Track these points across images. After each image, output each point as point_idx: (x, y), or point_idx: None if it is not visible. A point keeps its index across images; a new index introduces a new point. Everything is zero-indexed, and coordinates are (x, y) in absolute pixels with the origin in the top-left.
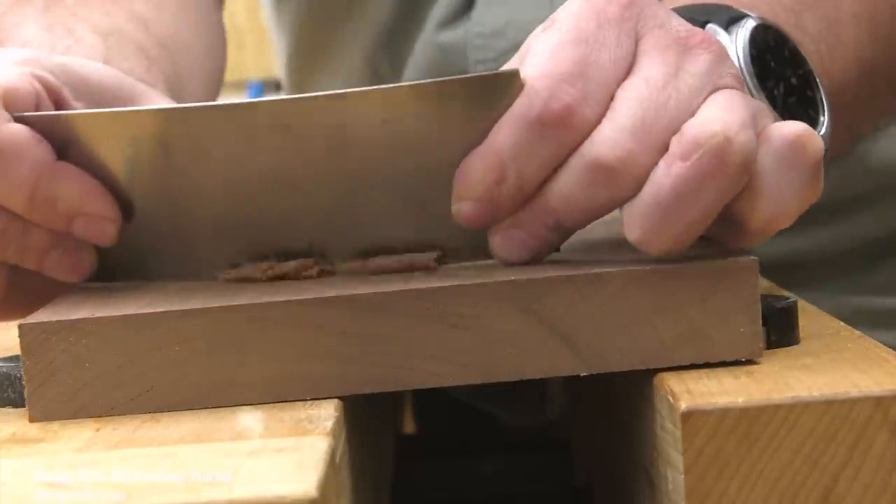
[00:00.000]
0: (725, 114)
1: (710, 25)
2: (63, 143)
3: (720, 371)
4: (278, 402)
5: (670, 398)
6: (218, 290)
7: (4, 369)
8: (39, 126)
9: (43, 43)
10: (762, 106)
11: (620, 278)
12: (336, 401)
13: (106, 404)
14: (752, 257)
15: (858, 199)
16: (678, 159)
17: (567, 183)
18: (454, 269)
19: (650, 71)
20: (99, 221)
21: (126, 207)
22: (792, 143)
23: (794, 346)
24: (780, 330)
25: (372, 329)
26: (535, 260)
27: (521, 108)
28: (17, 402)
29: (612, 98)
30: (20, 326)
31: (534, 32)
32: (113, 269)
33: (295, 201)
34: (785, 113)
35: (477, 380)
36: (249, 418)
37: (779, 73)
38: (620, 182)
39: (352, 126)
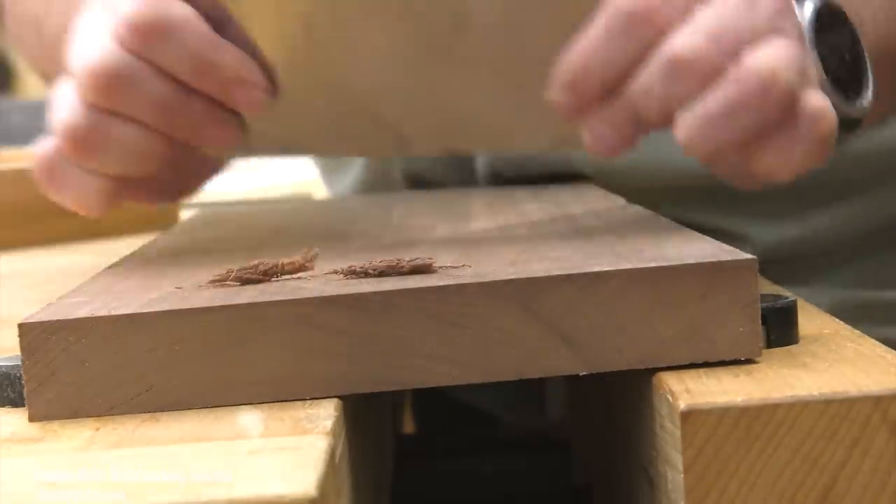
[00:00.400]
0: (781, 53)
1: None
2: (219, 21)
3: (719, 370)
4: (278, 401)
5: (669, 397)
6: (217, 289)
7: (4, 369)
8: (199, 3)
9: None
10: (812, 66)
11: (620, 277)
12: (336, 400)
13: (105, 404)
14: (752, 256)
15: (857, 185)
16: (732, 82)
17: (647, 76)
18: (454, 269)
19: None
20: (253, 89)
21: (272, 81)
22: (811, 113)
23: (794, 346)
24: (779, 329)
25: (372, 329)
26: (619, 151)
27: (611, 4)
28: (17, 402)
29: (690, 14)
30: (20, 326)
31: None
32: (258, 145)
33: (414, 81)
34: (833, 83)
35: (476, 379)
36: (249, 418)
37: (834, 50)
38: (692, 76)
39: (473, 13)
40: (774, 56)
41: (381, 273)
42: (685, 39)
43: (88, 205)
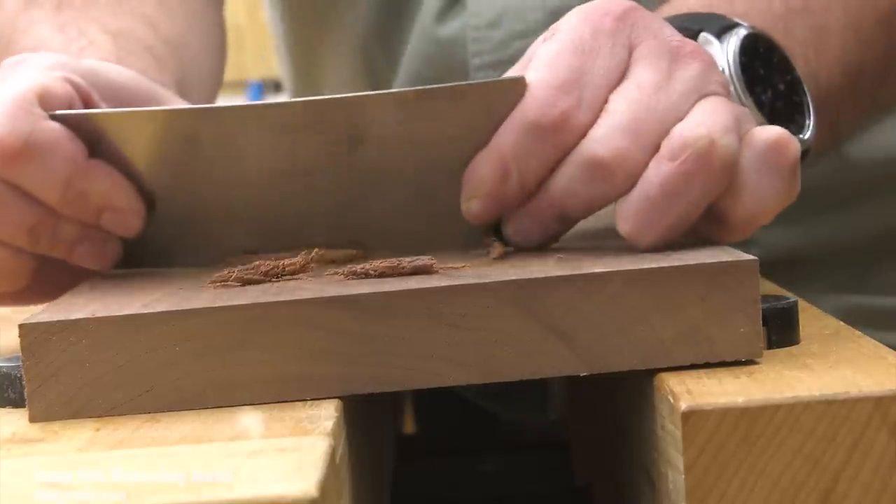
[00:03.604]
0: (711, 118)
1: (703, 34)
2: (93, 140)
3: (720, 371)
4: (278, 402)
5: (671, 398)
6: (218, 290)
7: (4, 369)
8: (73, 124)
9: (56, 43)
10: (746, 111)
11: (620, 278)
12: (336, 401)
13: (106, 404)
14: (753, 257)
15: (858, 192)
16: (666, 160)
17: (568, 179)
18: (454, 269)
19: (642, 76)
20: (126, 215)
21: (149, 200)
22: (771, 146)
23: (795, 346)
24: (780, 330)
25: (372, 329)
26: (545, 244)
27: (521, 113)
28: (18, 402)
29: (605, 102)
30: (20, 326)
31: (535, 42)
32: (136, 257)
33: (312, 193)
34: (773, 116)
35: (477, 380)
36: (249, 418)
37: (767, 79)
38: (615, 177)
39: (370, 126)
40: (702, 120)
41: (382, 274)
42: (603, 139)
43: None
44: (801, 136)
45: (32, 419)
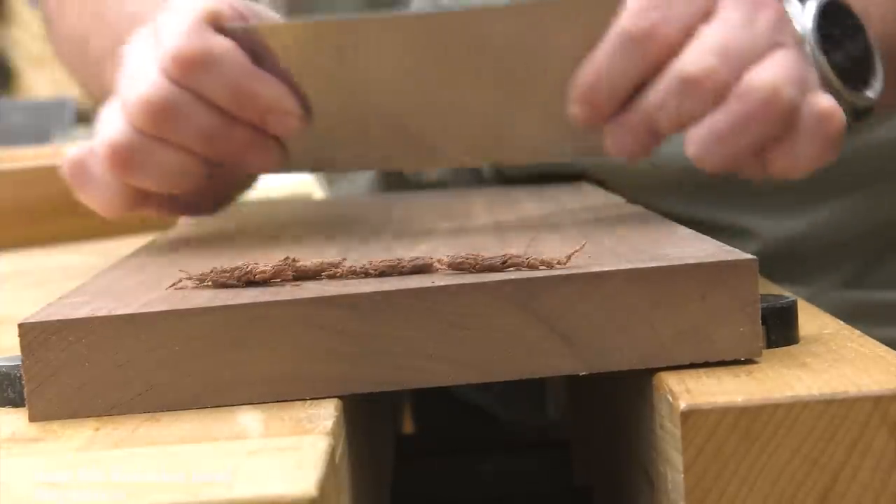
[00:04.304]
0: (781, 69)
1: None
2: (255, 54)
3: (720, 370)
4: (278, 401)
5: (670, 397)
6: (218, 289)
7: (4, 369)
8: (238, 37)
9: None
10: (812, 72)
11: (620, 277)
12: (336, 400)
13: (106, 404)
14: (752, 256)
15: (861, 180)
16: (736, 99)
17: (661, 92)
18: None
19: (728, 15)
20: (287, 116)
21: (305, 107)
22: (820, 114)
23: (794, 346)
24: (779, 329)
25: (372, 329)
26: (638, 155)
27: (616, 23)
28: (17, 402)
29: (692, 31)
30: (20, 326)
31: None
32: (297, 161)
33: (440, 93)
34: (843, 76)
35: (476, 379)
36: (249, 418)
37: (841, 42)
38: (704, 93)
39: (491, 34)
40: (774, 71)
41: (382, 273)
42: (695, 59)
43: (111, 207)
44: (864, 94)
45: (32, 419)
